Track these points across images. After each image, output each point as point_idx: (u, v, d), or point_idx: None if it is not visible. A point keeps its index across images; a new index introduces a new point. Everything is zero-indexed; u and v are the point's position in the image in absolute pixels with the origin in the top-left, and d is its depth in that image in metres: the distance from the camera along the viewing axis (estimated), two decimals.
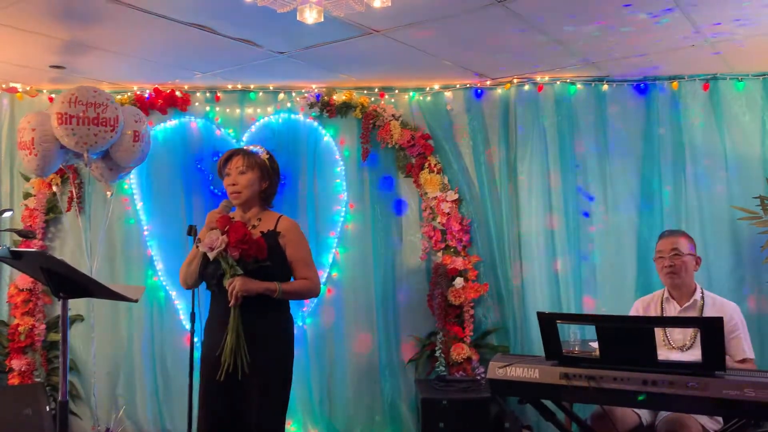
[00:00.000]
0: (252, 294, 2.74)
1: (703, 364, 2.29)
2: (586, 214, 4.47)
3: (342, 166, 4.74)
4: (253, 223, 2.92)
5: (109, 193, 4.31)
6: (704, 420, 2.86)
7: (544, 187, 4.49)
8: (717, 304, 3.14)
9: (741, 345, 3.05)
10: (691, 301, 3.16)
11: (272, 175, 2.98)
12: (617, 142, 4.46)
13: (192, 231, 2.87)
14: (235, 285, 2.71)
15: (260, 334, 2.78)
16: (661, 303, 3.26)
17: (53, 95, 4.61)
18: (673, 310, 3.21)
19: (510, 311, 4.57)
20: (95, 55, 3.81)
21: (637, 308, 3.37)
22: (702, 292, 3.19)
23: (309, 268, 2.91)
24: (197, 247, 2.84)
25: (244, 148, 3.03)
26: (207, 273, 2.85)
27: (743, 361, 3.02)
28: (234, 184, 2.91)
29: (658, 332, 3.12)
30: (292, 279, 2.92)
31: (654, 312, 3.26)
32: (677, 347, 3.10)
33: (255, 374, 2.74)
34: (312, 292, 2.96)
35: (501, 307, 4.61)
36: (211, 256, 2.74)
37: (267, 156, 2.98)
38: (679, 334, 3.12)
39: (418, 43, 3.67)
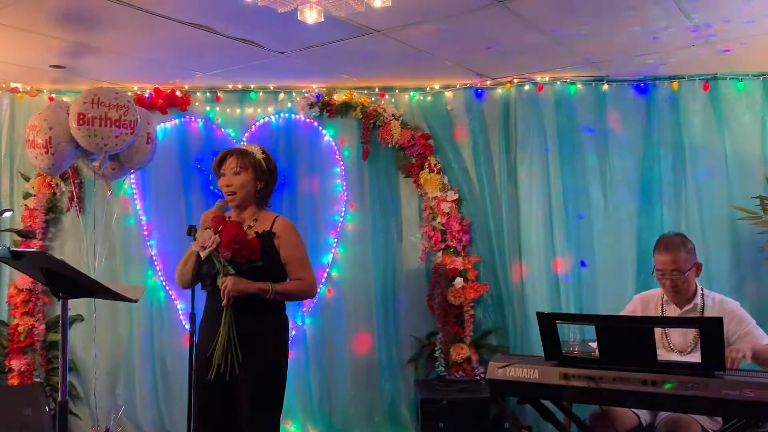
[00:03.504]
0: (244, 294, 2.73)
1: (702, 365, 2.29)
2: (584, 214, 4.48)
3: (342, 166, 4.74)
4: (249, 224, 2.91)
5: (109, 192, 4.30)
6: (704, 420, 2.86)
7: (544, 187, 4.49)
8: (717, 305, 3.08)
9: (756, 332, 2.96)
10: (692, 305, 3.09)
11: (267, 176, 2.95)
12: (617, 142, 4.47)
13: (192, 231, 2.87)
14: (227, 285, 2.71)
15: (254, 335, 2.77)
16: (662, 304, 3.20)
17: (53, 95, 4.61)
18: (673, 313, 3.15)
19: (510, 311, 4.57)
20: (96, 55, 3.81)
21: (635, 303, 3.31)
22: (702, 293, 3.13)
23: (304, 268, 2.89)
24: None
25: (238, 147, 3.01)
26: (201, 272, 2.84)
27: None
28: (229, 185, 2.90)
29: (657, 334, 3.08)
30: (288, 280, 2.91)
31: (654, 312, 3.22)
32: (677, 350, 3.07)
33: (248, 374, 2.73)
34: (307, 293, 2.94)
35: (501, 307, 4.61)
36: (203, 254, 2.74)
37: (262, 155, 2.95)
38: (679, 338, 3.08)
39: (418, 43, 3.67)
